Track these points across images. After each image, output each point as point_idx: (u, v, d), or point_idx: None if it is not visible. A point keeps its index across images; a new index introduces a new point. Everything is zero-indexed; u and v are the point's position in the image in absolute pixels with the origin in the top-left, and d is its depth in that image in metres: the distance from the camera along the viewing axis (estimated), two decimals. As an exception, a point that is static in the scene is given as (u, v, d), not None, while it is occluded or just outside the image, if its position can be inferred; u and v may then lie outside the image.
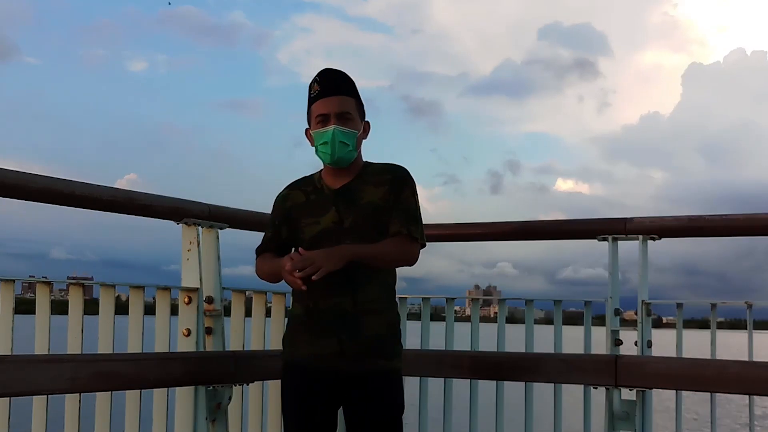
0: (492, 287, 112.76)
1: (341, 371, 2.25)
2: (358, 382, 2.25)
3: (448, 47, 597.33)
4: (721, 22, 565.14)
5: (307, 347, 2.29)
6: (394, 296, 2.41)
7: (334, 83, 2.31)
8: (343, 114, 2.29)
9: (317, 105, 2.30)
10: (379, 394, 2.26)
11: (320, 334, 2.27)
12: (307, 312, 2.30)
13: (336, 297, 2.25)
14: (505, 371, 3.05)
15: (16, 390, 2.19)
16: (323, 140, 2.28)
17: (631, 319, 2.95)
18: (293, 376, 2.33)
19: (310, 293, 2.20)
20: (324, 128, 2.28)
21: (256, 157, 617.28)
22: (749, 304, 2.86)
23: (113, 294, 2.66)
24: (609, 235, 2.98)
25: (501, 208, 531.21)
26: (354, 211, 2.29)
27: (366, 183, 2.33)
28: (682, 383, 2.77)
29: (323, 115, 2.29)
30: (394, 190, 2.32)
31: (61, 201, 2.46)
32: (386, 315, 2.33)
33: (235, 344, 3.00)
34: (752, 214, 2.81)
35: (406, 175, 2.36)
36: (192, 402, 2.67)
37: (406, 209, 2.31)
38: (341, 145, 2.27)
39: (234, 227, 2.96)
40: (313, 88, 2.32)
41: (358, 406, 2.28)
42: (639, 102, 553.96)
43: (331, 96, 2.29)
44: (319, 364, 2.27)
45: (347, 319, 2.25)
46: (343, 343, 2.24)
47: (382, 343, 2.29)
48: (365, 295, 2.27)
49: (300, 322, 2.34)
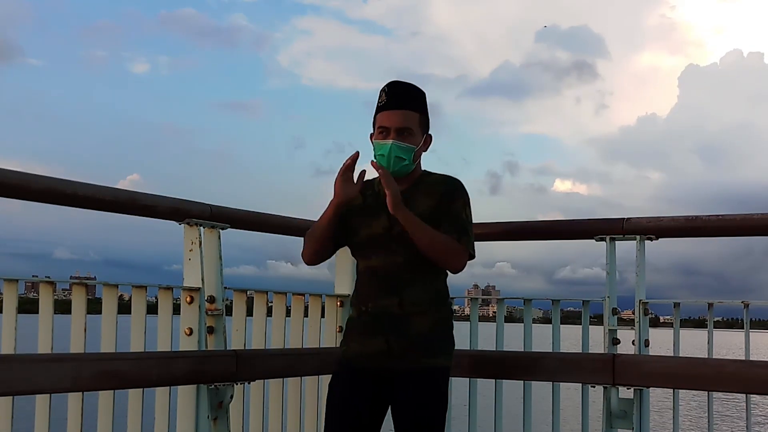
0: (491, 287, 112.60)
1: (387, 369, 2.34)
2: (404, 380, 2.32)
3: (447, 49, 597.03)
4: (718, 23, 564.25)
5: (357, 347, 2.42)
6: (443, 298, 2.48)
7: (400, 97, 2.38)
8: (403, 129, 2.35)
9: (381, 116, 2.37)
10: (422, 390, 2.33)
11: (369, 335, 2.38)
12: (360, 315, 2.43)
13: (383, 300, 2.36)
14: (504, 370, 3.07)
15: (19, 389, 2.21)
16: (380, 152, 2.36)
17: (628, 318, 2.97)
18: (342, 373, 2.44)
19: (363, 297, 2.40)
20: (383, 141, 2.35)
21: (257, 158, 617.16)
22: (746, 303, 2.87)
23: (116, 294, 2.68)
24: (606, 235, 2.99)
25: (500, 209, 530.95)
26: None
27: (419, 193, 2.40)
28: (679, 382, 2.79)
29: (384, 128, 2.36)
30: (446, 200, 2.39)
31: (63, 201, 2.47)
32: (433, 315, 2.40)
33: (237, 343, 3.02)
34: (749, 215, 2.82)
35: (459, 186, 2.43)
36: (194, 401, 2.69)
37: (456, 219, 2.38)
38: (397, 159, 2.35)
39: (235, 227, 2.97)
40: (381, 97, 2.39)
41: (402, 403, 2.33)
42: (636, 103, 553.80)
43: (395, 109, 2.35)
44: (366, 362, 2.38)
45: (394, 320, 2.35)
46: (390, 342, 2.34)
47: (428, 341, 2.37)
48: (411, 297, 2.35)
49: (353, 323, 2.48)
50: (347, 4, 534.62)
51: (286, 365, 3.04)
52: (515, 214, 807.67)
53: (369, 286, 2.40)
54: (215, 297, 2.85)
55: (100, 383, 2.42)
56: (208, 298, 2.82)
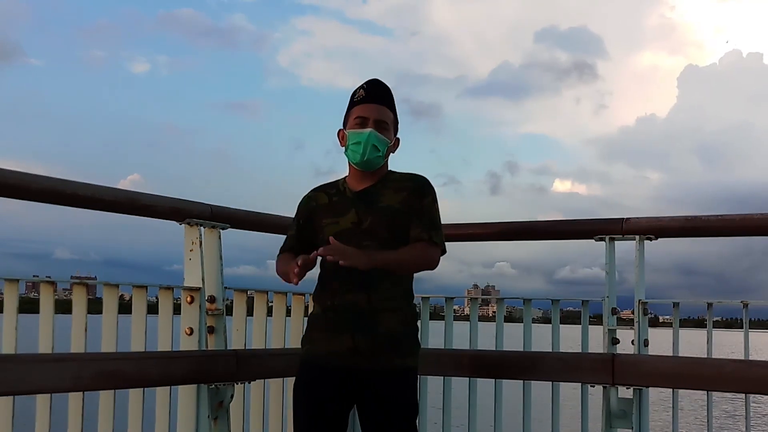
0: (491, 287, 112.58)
1: (355, 368, 2.29)
2: (372, 380, 2.29)
3: (447, 49, 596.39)
4: (717, 24, 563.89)
5: (323, 344, 2.36)
6: (411, 295, 2.46)
7: (379, 93, 2.43)
8: (381, 122, 2.40)
9: (359, 108, 2.41)
10: (392, 391, 2.30)
11: (335, 332, 2.33)
12: (324, 310, 2.39)
13: (351, 295, 2.31)
14: (504, 370, 3.08)
15: (19, 389, 2.21)
16: (357, 140, 2.37)
17: (628, 318, 2.97)
18: (308, 373, 2.39)
19: (328, 292, 2.34)
20: (361, 129, 2.37)
21: (257, 159, 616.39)
22: (745, 303, 2.88)
23: (116, 294, 2.68)
24: (606, 235, 3.00)
25: (500, 209, 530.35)
26: (372, 213, 2.36)
27: (386, 188, 2.42)
28: (678, 382, 2.79)
29: (362, 118, 2.39)
30: (416, 197, 2.40)
31: (64, 201, 2.48)
32: (402, 312, 2.37)
33: (237, 343, 3.02)
34: (748, 215, 2.82)
35: (427, 183, 2.45)
36: (194, 400, 2.69)
37: (427, 216, 2.39)
38: (373, 148, 2.36)
39: (235, 227, 2.98)
40: (358, 93, 2.43)
41: (371, 403, 2.31)
42: (635, 104, 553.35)
43: (373, 103, 2.41)
44: (333, 361, 2.32)
45: (362, 317, 2.30)
46: (357, 340, 2.29)
47: (396, 340, 2.33)
48: (380, 293, 2.32)
49: (318, 320, 2.42)
50: (347, 4, 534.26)
51: (286, 365, 3.03)
52: (515, 214, 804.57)
53: (335, 281, 2.35)
54: (215, 297, 2.85)
55: (101, 383, 2.43)
56: (209, 298, 2.82)
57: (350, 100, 2.45)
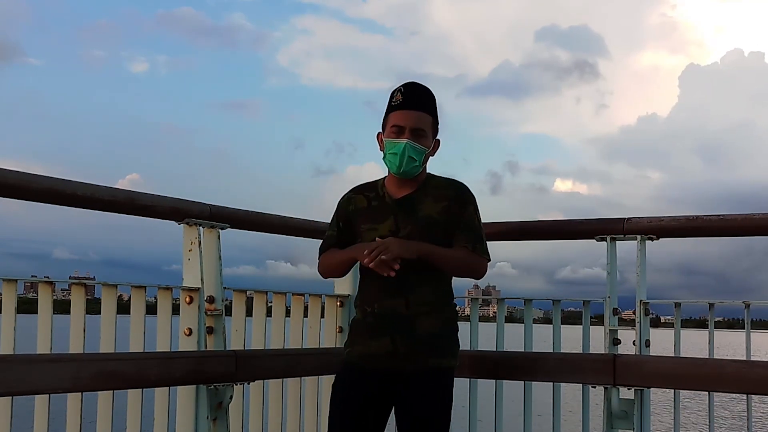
0: (491, 287, 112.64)
1: (394, 370, 2.32)
2: (411, 380, 2.32)
3: (447, 49, 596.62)
4: (719, 23, 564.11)
5: (362, 348, 2.40)
6: (449, 298, 2.50)
7: (417, 98, 2.38)
8: (418, 130, 2.36)
9: (396, 115, 2.36)
10: (427, 390, 2.33)
11: (375, 335, 2.37)
12: (365, 316, 2.42)
13: (390, 301, 2.35)
14: (504, 370, 3.07)
15: (18, 389, 2.20)
16: (393, 151, 2.35)
17: (629, 318, 2.96)
18: (347, 375, 2.43)
19: (368, 299, 2.38)
20: (397, 139, 2.34)
21: (257, 158, 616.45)
22: (747, 303, 2.87)
23: (115, 294, 2.67)
24: (607, 235, 2.99)
25: (501, 209, 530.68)
26: (411, 222, 2.37)
27: (427, 196, 2.41)
28: (680, 382, 2.79)
29: (399, 127, 2.35)
30: (457, 208, 2.41)
31: (63, 201, 2.47)
32: (440, 314, 2.40)
33: (236, 344, 3.01)
34: (749, 214, 2.82)
35: (468, 192, 2.45)
36: (193, 401, 2.68)
37: (470, 227, 2.42)
38: (409, 159, 2.35)
39: (235, 227, 2.97)
40: (396, 96, 2.38)
41: (406, 403, 2.33)
42: (636, 103, 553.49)
43: (411, 110, 2.36)
44: (372, 363, 2.36)
45: (401, 320, 2.34)
46: (396, 343, 2.33)
47: (434, 340, 2.37)
48: (418, 298, 2.35)
49: (358, 325, 2.47)
50: (347, 4, 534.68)
51: (286, 365, 3.03)
52: (516, 214, 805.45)
53: (375, 287, 2.39)
54: (215, 297, 2.84)
55: (100, 384, 2.42)
56: (208, 299, 2.81)
57: (389, 101, 2.41)
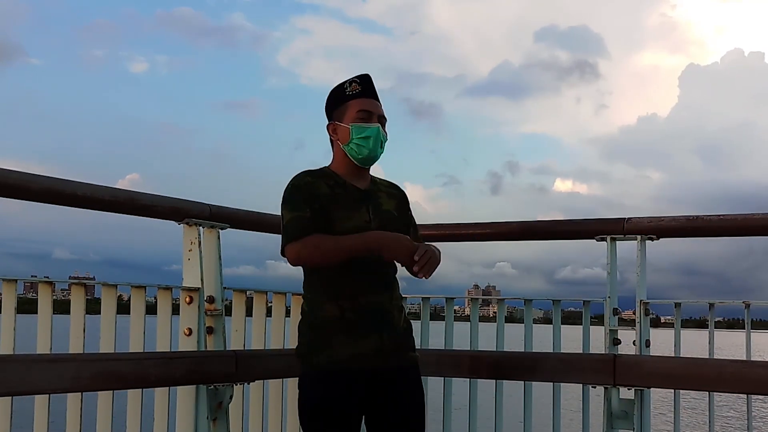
0: (491, 287, 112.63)
1: (379, 368, 2.25)
2: (399, 376, 2.29)
3: (447, 49, 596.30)
4: (719, 23, 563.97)
5: (346, 348, 2.22)
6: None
7: (374, 89, 2.38)
8: (383, 118, 2.36)
9: (360, 101, 2.32)
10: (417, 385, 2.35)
11: (361, 334, 2.23)
12: (344, 312, 2.23)
13: (375, 295, 2.27)
14: (505, 370, 3.07)
15: (18, 389, 2.20)
16: (366, 134, 2.29)
17: (629, 318, 2.96)
18: (329, 382, 2.22)
19: (353, 292, 2.24)
20: (368, 124, 2.30)
21: (256, 158, 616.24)
22: (747, 303, 2.87)
23: (115, 294, 2.67)
24: (607, 235, 2.99)
25: (501, 209, 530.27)
26: (379, 215, 2.35)
27: (380, 192, 2.41)
28: (680, 382, 2.79)
29: (367, 112, 2.32)
30: (404, 207, 2.47)
31: (63, 201, 2.47)
32: (403, 309, 2.41)
33: (236, 344, 3.01)
34: (750, 215, 2.82)
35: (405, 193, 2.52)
36: (193, 401, 2.68)
37: (416, 227, 2.52)
38: (380, 144, 2.33)
39: (235, 227, 2.97)
40: (352, 86, 2.35)
41: (400, 399, 2.29)
42: (636, 103, 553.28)
43: (374, 99, 2.35)
44: (360, 363, 2.22)
45: (386, 316, 2.29)
46: (384, 339, 2.26)
47: (408, 334, 2.39)
48: (396, 291, 2.35)
49: (335, 323, 2.24)
50: (346, 4, 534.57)
51: (286, 365, 3.02)
52: (515, 214, 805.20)
53: (357, 281, 2.24)
54: (215, 297, 2.84)
55: (99, 384, 2.42)
56: (208, 299, 2.81)
57: (340, 93, 2.35)
